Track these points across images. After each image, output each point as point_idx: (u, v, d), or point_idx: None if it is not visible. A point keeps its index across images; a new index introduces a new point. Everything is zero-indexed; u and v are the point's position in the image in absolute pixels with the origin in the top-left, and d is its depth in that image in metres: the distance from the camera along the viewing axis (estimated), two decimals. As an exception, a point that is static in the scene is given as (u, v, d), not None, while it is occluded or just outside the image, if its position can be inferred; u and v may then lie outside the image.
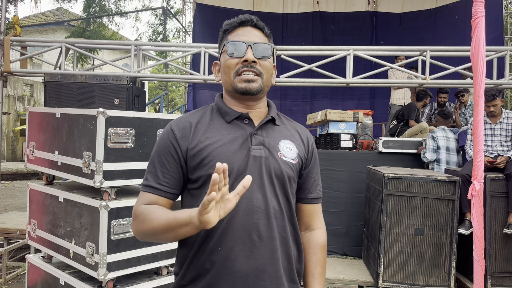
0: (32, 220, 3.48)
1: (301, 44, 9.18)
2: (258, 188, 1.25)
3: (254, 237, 1.23)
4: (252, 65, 1.28)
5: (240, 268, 1.22)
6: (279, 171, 1.29)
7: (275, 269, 1.26)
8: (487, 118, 4.62)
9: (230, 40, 1.31)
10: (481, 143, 3.39)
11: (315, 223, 1.45)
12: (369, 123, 6.51)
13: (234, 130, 1.30)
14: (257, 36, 1.32)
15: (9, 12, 11.27)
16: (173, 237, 1.19)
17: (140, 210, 1.25)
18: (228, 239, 1.22)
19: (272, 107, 1.41)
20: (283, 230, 1.29)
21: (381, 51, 6.18)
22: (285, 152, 1.32)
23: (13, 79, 15.59)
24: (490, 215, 4.23)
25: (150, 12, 21.56)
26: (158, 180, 1.28)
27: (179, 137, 1.29)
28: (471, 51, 3.43)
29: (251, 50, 1.28)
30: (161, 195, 1.27)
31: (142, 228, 1.24)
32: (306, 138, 1.43)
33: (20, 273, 4.64)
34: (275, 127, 1.36)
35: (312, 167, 1.43)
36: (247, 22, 1.33)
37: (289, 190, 1.31)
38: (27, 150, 3.57)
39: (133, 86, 5.06)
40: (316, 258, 1.41)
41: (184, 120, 1.34)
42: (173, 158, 1.28)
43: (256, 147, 1.28)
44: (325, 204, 5.48)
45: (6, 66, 5.99)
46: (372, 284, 4.44)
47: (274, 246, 1.26)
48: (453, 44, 6.25)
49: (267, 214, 1.25)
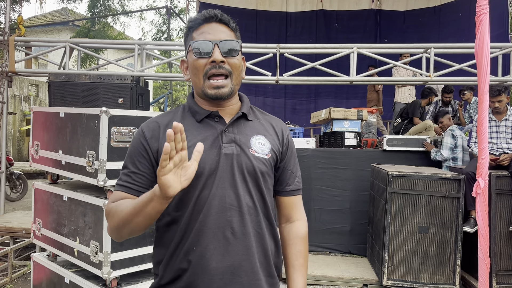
0: (37, 219, 3.50)
1: (305, 42, 9.18)
2: (230, 185, 1.26)
3: (228, 234, 1.24)
4: (220, 65, 1.26)
5: (215, 266, 1.23)
6: (251, 167, 1.28)
7: (251, 265, 1.26)
8: (492, 115, 4.59)
9: (196, 39, 1.28)
10: (485, 141, 3.36)
11: (295, 214, 1.45)
12: (373, 121, 6.49)
13: (205, 129, 1.30)
14: (223, 32, 1.29)
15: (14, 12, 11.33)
16: (142, 220, 1.15)
17: (109, 207, 1.25)
18: (202, 238, 1.23)
19: (245, 102, 1.40)
20: (258, 226, 1.29)
21: (385, 48, 6.16)
22: (257, 148, 1.31)
23: (18, 79, 15.67)
24: (495, 213, 4.21)
25: (154, 12, 21.61)
26: (131, 180, 1.28)
27: (149, 138, 1.29)
28: (476, 48, 3.40)
29: (218, 49, 1.26)
30: (132, 194, 1.27)
31: (114, 222, 1.22)
32: (280, 130, 1.41)
33: (26, 271, 4.67)
34: (247, 123, 1.36)
35: (288, 159, 1.42)
36: (211, 18, 1.30)
37: (263, 185, 1.31)
38: (31, 150, 3.59)
39: (137, 85, 5.07)
40: (296, 250, 1.41)
41: (154, 121, 1.34)
42: (145, 158, 1.29)
43: (227, 145, 1.28)
44: (330, 203, 5.53)
45: (11, 66, 6.02)
46: (376, 282, 4.43)
47: (249, 242, 1.26)
48: (458, 41, 6.21)
49: (240, 211, 1.26)
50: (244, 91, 6.67)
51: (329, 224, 5.53)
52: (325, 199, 5.54)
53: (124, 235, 1.23)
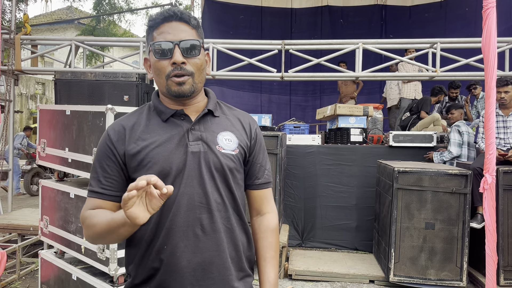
0: (45, 217, 3.52)
1: (310, 38, 9.12)
2: (198, 183, 1.26)
3: (198, 231, 1.25)
4: (181, 67, 1.25)
5: (186, 264, 1.24)
6: (219, 164, 1.29)
7: (222, 260, 1.28)
8: (499, 110, 4.55)
9: (156, 41, 1.26)
10: (493, 136, 3.34)
11: (265, 207, 1.46)
12: (379, 117, 6.47)
13: (171, 128, 1.30)
14: (183, 31, 1.27)
15: (20, 11, 11.39)
16: (117, 238, 1.18)
17: (85, 216, 1.26)
18: (173, 236, 1.24)
19: (211, 98, 1.39)
20: (228, 222, 1.30)
21: (390, 44, 6.12)
22: (224, 145, 1.32)
23: (25, 77, 15.77)
24: (503, 209, 4.18)
25: (159, 9, 21.62)
26: (101, 185, 1.28)
27: (115, 140, 1.29)
28: (482, 43, 3.38)
29: (178, 50, 1.24)
30: (105, 199, 1.28)
31: (89, 233, 1.24)
32: (248, 125, 1.41)
33: (34, 268, 4.70)
34: (214, 119, 1.35)
35: (257, 153, 1.42)
36: (171, 17, 1.28)
37: (231, 181, 1.32)
38: (38, 147, 3.61)
39: (142, 83, 5.07)
40: (267, 242, 1.42)
41: (119, 124, 1.34)
42: (113, 162, 1.29)
43: (194, 143, 1.28)
44: (336, 199, 5.53)
45: (17, 64, 6.05)
46: (383, 278, 4.42)
47: (219, 239, 1.27)
48: (464, 36, 6.15)
49: (209, 208, 1.27)
50: (249, 88, 6.72)
51: (335, 221, 5.52)
52: (331, 196, 5.54)
53: (100, 243, 1.27)
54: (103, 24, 15.88)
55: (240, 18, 10.03)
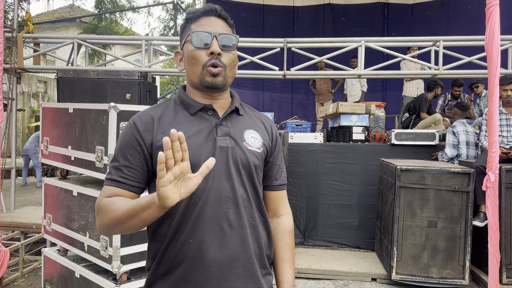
0: (47, 214, 3.53)
1: (312, 36, 9.14)
2: (226, 178, 1.26)
3: (225, 226, 1.25)
4: (217, 57, 1.27)
5: (213, 258, 1.23)
6: (246, 160, 1.29)
7: (247, 256, 1.28)
8: (502, 108, 4.54)
9: (195, 30, 1.29)
10: (495, 134, 3.34)
11: (282, 209, 1.47)
12: (381, 115, 6.46)
13: (199, 122, 1.30)
14: (221, 26, 1.31)
15: (22, 9, 11.40)
16: (137, 224, 1.13)
17: (102, 203, 1.21)
18: (199, 230, 1.23)
19: (235, 98, 1.41)
20: (252, 218, 1.31)
21: (393, 42, 6.11)
22: (250, 142, 1.33)
23: (27, 76, 15.79)
24: (506, 207, 4.18)
25: (161, 8, 21.62)
26: (122, 174, 1.25)
27: (142, 130, 1.27)
28: (485, 41, 3.37)
29: (216, 41, 1.27)
30: (124, 188, 1.24)
31: (105, 220, 1.18)
32: (270, 126, 1.44)
33: (37, 266, 4.71)
34: (239, 117, 1.37)
35: (276, 154, 1.45)
36: (211, 11, 1.31)
37: (256, 178, 1.33)
38: (41, 145, 3.62)
39: (144, 81, 5.08)
40: (285, 243, 1.43)
41: (147, 114, 1.33)
42: (137, 152, 1.26)
43: (222, 138, 1.28)
44: (338, 197, 5.53)
45: (19, 63, 6.06)
46: (385, 276, 4.42)
47: (244, 234, 1.27)
48: (467, 34, 6.14)
49: (236, 203, 1.27)
50: (251, 86, 6.73)
51: (337, 219, 5.52)
52: (333, 194, 5.53)
53: (114, 233, 1.22)
54: (105, 23, 15.89)
55: (241, 16, 10.01)
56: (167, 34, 19.32)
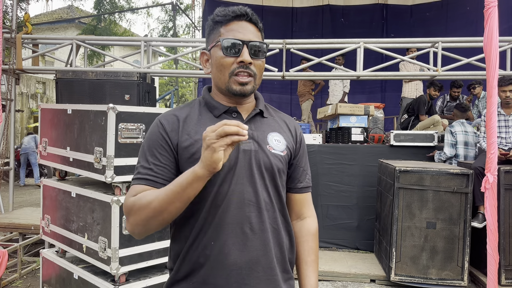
0: (46, 216, 3.52)
1: (311, 38, 9.14)
2: (249, 181, 1.26)
3: (247, 229, 1.24)
4: (248, 66, 1.26)
5: (234, 261, 1.23)
6: (269, 164, 1.29)
7: (268, 260, 1.27)
8: (501, 109, 4.55)
9: (226, 37, 1.26)
10: (494, 135, 3.34)
11: (306, 211, 1.46)
12: (380, 117, 6.46)
13: None
14: (252, 32, 1.29)
15: (21, 10, 11.39)
16: (179, 206, 1.14)
17: (131, 201, 1.20)
18: (221, 233, 1.23)
19: (260, 100, 1.40)
20: (275, 222, 1.30)
21: (392, 43, 6.12)
22: (274, 145, 1.32)
23: (25, 77, 15.77)
24: (504, 208, 4.18)
25: (160, 9, 21.62)
26: (152, 172, 1.24)
27: (169, 130, 1.28)
28: (484, 42, 3.38)
29: (247, 50, 1.25)
30: (156, 187, 1.23)
31: (141, 215, 1.16)
32: (294, 128, 1.43)
33: (35, 268, 4.71)
34: (263, 120, 1.37)
35: (301, 157, 1.44)
36: (242, 16, 1.29)
37: (279, 182, 1.32)
38: (40, 147, 3.61)
39: (143, 82, 5.07)
40: (308, 246, 1.42)
41: (172, 114, 1.33)
42: (165, 150, 1.26)
43: (246, 141, 1.27)
44: (337, 198, 5.52)
45: (18, 63, 6.05)
46: (384, 278, 4.42)
47: (266, 238, 1.27)
48: (465, 35, 6.15)
49: (258, 206, 1.27)
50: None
51: (336, 220, 5.52)
52: (332, 195, 5.53)
53: (151, 228, 1.19)
54: (104, 23, 15.88)
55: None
56: (166, 35, 19.32)
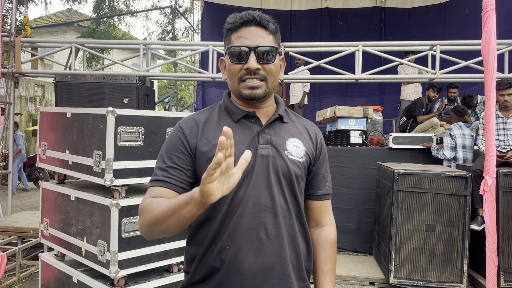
0: (45, 219, 3.52)
1: (310, 41, 9.15)
2: (265, 187, 1.25)
3: (262, 235, 1.23)
4: (255, 72, 1.26)
5: (248, 267, 1.22)
6: (286, 170, 1.28)
7: (283, 267, 1.26)
8: (499, 112, 4.56)
9: (233, 45, 1.27)
10: (492, 138, 3.35)
11: (325, 219, 1.44)
12: (379, 119, 6.48)
13: (242, 129, 1.30)
14: (261, 36, 1.28)
15: (20, 13, 11.40)
16: (176, 222, 1.12)
17: (145, 202, 1.23)
18: (236, 238, 1.23)
19: (281, 104, 1.39)
20: (291, 228, 1.29)
21: (390, 46, 6.14)
22: (292, 151, 1.31)
23: (24, 80, 15.76)
24: (503, 211, 4.19)
25: (159, 12, 21.66)
26: (168, 174, 1.26)
27: (188, 134, 1.29)
28: (482, 45, 3.39)
29: (254, 56, 1.25)
30: (170, 188, 1.25)
31: (146, 219, 1.19)
32: (314, 134, 1.42)
33: (34, 271, 4.70)
34: (283, 125, 1.36)
35: (321, 163, 1.42)
36: (250, 21, 1.29)
37: (297, 188, 1.31)
38: (38, 150, 3.61)
39: (142, 85, 5.09)
40: (326, 255, 1.41)
41: (192, 119, 1.34)
42: (183, 154, 1.28)
43: (264, 146, 1.27)
44: (335, 201, 5.51)
45: (17, 67, 6.05)
46: (383, 280, 4.42)
47: (282, 244, 1.26)
48: (464, 38, 6.18)
49: (275, 212, 1.25)
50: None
51: (335, 223, 5.51)
52: (331, 198, 5.52)
53: (155, 233, 1.20)
54: (103, 27, 15.90)
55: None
56: (165, 38, 19.33)
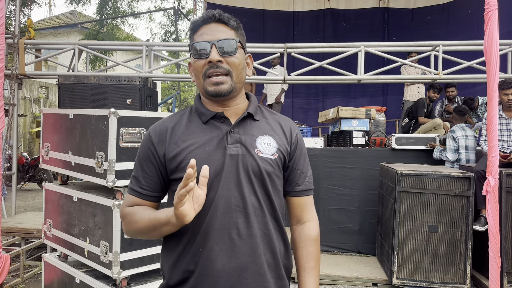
0: (48, 220, 3.53)
1: (312, 41, 9.16)
2: (236, 186, 1.25)
3: (234, 235, 1.23)
4: (218, 65, 1.26)
5: (221, 268, 1.22)
6: (257, 168, 1.27)
7: (257, 266, 1.25)
8: (502, 112, 4.54)
9: (194, 41, 1.28)
10: (495, 138, 3.34)
11: (306, 215, 1.42)
12: (381, 120, 6.46)
13: (210, 130, 1.30)
14: (221, 31, 1.28)
15: (24, 15, 11.46)
16: (158, 235, 1.25)
17: (125, 212, 1.32)
18: (208, 239, 1.23)
19: (252, 102, 1.39)
20: (265, 227, 1.28)
21: (392, 47, 6.13)
22: (263, 148, 1.30)
23: (28, 81, 15.83)
24: (506, 211, 4.17)
25: (162, 13, 21.71)
26: (140, 184, 1.33)
27: (156, 142, 1.31)
28: (484, 45, 3.38)
29: (215, 49, 1.25)
30: (143, 198, 1.33)
31: (130, 229, 1.31)
32: (289, 130, 1.39)
33: (37, 272, 4.71)
34: (254, 123, 1.34)
35: (297, 159, 1.40)
36: (209, 19, 1.29)
37: (269, 186, 1.29)
38: (42, 151, 3.63)
39: (145, 86, 5.10)
40: (307, 252, 1.38)
41: (162, 124, 1.35)
42: (152, 163, 1.31)
43: (232, 146, 1.27)
44: (338, 202, 5.52)
45: (20, 68, 6.08)
46: (386, 281, 4.41)
47: (255, 244, 1.25)
48: (466, 39, 6.16)
49: (246, 212, 1.25)
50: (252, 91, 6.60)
51: (338, 224, 5.51)
52: (333, 199, 5.53)
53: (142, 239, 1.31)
54: (106, 28, 15.95)
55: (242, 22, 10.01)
56: (168, 39, 19.37)
